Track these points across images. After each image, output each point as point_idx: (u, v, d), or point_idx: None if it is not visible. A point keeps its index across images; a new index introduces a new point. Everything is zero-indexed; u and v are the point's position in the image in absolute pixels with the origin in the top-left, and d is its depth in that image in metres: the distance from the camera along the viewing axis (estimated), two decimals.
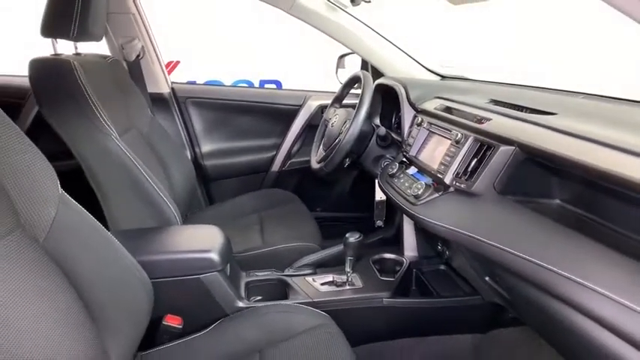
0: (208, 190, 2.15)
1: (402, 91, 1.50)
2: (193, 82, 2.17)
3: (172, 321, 1.15)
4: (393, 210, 1.73)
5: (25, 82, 1.96)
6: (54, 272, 0.81)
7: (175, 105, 2.03)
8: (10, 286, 0.70)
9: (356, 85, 1.71)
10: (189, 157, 2.03)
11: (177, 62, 3.73)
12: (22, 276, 0.74)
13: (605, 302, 0.67)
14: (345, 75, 1.91)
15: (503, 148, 0.96)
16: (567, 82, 1.30)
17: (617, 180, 0.72)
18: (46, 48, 1.37)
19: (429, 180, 1.17)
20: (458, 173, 1.06)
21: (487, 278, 1.08)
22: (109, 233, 0.99)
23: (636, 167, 0.70)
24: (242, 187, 2.08)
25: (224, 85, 2.97)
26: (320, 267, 1.46)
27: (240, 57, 3.93)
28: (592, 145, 0.81)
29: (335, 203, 2.16)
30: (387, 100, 1.66)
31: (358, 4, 1.28)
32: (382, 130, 1.54)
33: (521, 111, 1.10)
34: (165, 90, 2.01)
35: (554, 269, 0.75)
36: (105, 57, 1.62)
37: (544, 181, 0.96)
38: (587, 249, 0.77)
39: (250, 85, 4.12)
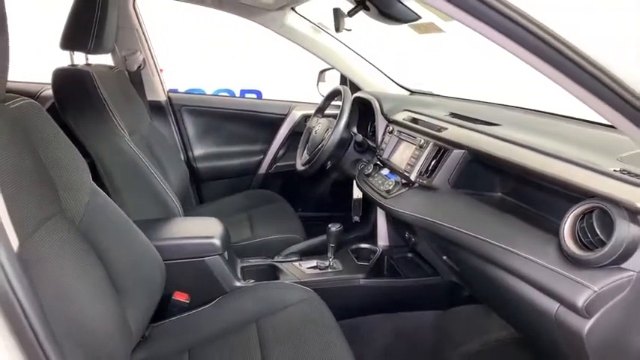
0: (199, 191, 2.32)
1: (376, 104, 1.74)
2: (175, 90, 2.34)
3: (180, 297, 1.34)
4: (368, 209, 1.96)
5: (31, 87, 2.12)
6: (87, 249, 0.97)
7: (171, 112, 2.22)
8: (56, 259, 0.86)
9: (336, 98, 1.94)
10: (183, 159, 2.21)
11: (160, 70, 3.86)
12: (63, 251, 0.90)
13: (524, 262, 0.90)
14: (325, 88, 2.14)
15: (456, 152, 1.21)
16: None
17: (542, 176, 0.96)
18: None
19: (398, 178, 1.41)
20: (421, 172, 1.30)
21: (444, 257, 1.31)
22: (129, 219, 1.17)
23: (555, 166, 0.95)
24: (231, 188, 2.27)
25: (217, 95, 3.13)
26: (304, 255, 1.67)
27: (222, 67, 4.08)
28: (525, 150, 1.06)
29: (316, 203, 2.37)
30: (363, 111, 1.89)
31: (341, 32, 1.52)
32: (359, 137, 1.77)
33: (473, 122, 1.35)
34: (162, 98, 2.20)
35: (492, 241, 0.99)
36: (111, 67, 1.80)
37: (488, 177, 1.21)
38: (517, 227, 1.01)
39: (231, 93, 4.28)
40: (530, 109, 1.47)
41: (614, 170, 0.85)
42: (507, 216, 1.07)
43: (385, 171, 1.52)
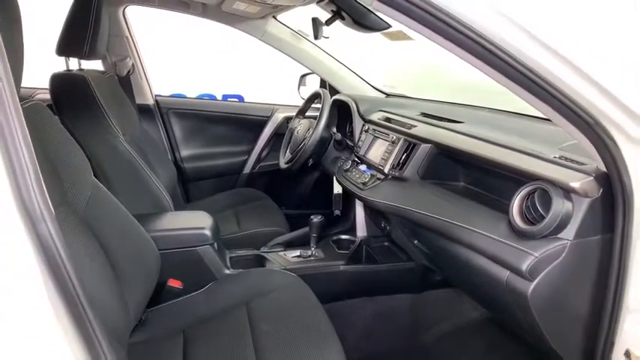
0: (187, 190, 2.42)
1: (353, 106, 1.88)
2: (159, 96, 2.44)
3: (174, 283, 1.44)
4: (348, 206, 2.08)
5: (23, 91, 2.19)
6: (90, 237, 1.06)
7: (159, 115, 2.32)
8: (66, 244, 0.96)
9: (316, 100, 2.07)
10: (171, 160, 2.31)
11: None
12: (70, 239, 1.00)
13: (481, 238, 1.04)
14: (305, 92, 2.28)
15: (424, 146, 1.35)
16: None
17: (495, 163, 1.11)
18: None
19: (374, 172, 1.55)
20: (393, 165, 1.44)
21: (416, 241, 1.45)
22: (127, 212, 1.26)
23: (507, 155, 1.09)
24: (217, 187, 2.38)
25: (203, 99, 3.20)
26: (289, 247, 1.79)
27: (203, 72, 4.16)
28: (483, 143, 1.21)
29: (299, 201, 2.49)
30: (342, 112, 2.03)
31: (319, 39, 1.65)
32: (338, 136, 1.90)
33: (440, 120, 1.50)
34: (150, 102, 2.30)
35: (454, 222, 1.13)
36: (102, 72, 1.89)
37: (453, 169, 1.36)
38: (476, 210, 1.15)
39: (213, 98, 4.35)
40: (491, 108, 1.63)
41: (554, 157, 1.00)
42: (468, 201, 1.21)
43: (363, 166, 1.66)
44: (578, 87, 0.77)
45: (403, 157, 1.41)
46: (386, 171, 1.45)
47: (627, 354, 0.92)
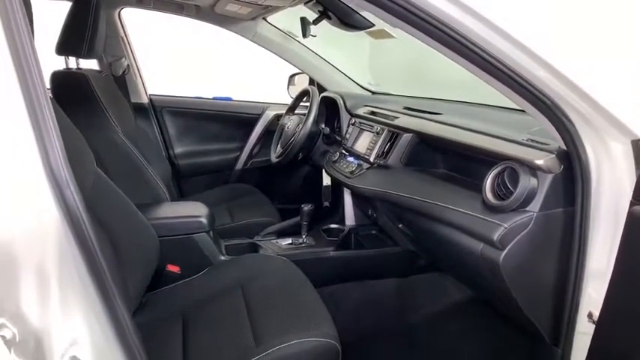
0: (180, 186, 2.49)
1: (340, 102, 1.98)
2: (153, 95, 2.51)
3: (172, 268, 1.51)
4: (337, 199, 2.17)
5: None
6: (95, 223, 1.14)
7: (153, 113, 2.39)
8: None
9: (305, 98, 2.17)
10: (165, 156, 2.38)
11: None
12: None
13: (457, 214, 1.14)
14: (294, 91, 2.37)
15: (405, 135, 1.45)
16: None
17: (469, 147, 1.21)
18: None
19: (360, 161, 1.65)
20: (378, 154, 1.54)
21: (400, 225, 1.55)
22: (128, 200, 1.33)
23: (480, 139, 1.19)
24: (210, 183, 2.46)
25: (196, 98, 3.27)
26: (281, 236, 1.87)
27: (193, 75, 4.23)
28: (460, 130, 1.31)
29: (290, 195, 2.57)
30: (330, 108, 2.12)
31: (307, 37, 1.75)
32: (327, 131, 2.00)
33: (421, 112, 1.60)
34: (145, 100, 2.37)
35: (434, 202, 1.23)
36: (99, 72, 1.97)
37: (433, 156, 1.46)
38: (454, 191, 1.25)
39: None
40: (468, 102, 1.75)
41: (522, 139, 1.10)
42: (447, 184, 1.31)
43: (350, 157, 1.75)
44: (532, 69, 0.84)
45: (387, 146, 1.51)
46: (371, 160, 1.55)
47: (590, 315, 1.01)
